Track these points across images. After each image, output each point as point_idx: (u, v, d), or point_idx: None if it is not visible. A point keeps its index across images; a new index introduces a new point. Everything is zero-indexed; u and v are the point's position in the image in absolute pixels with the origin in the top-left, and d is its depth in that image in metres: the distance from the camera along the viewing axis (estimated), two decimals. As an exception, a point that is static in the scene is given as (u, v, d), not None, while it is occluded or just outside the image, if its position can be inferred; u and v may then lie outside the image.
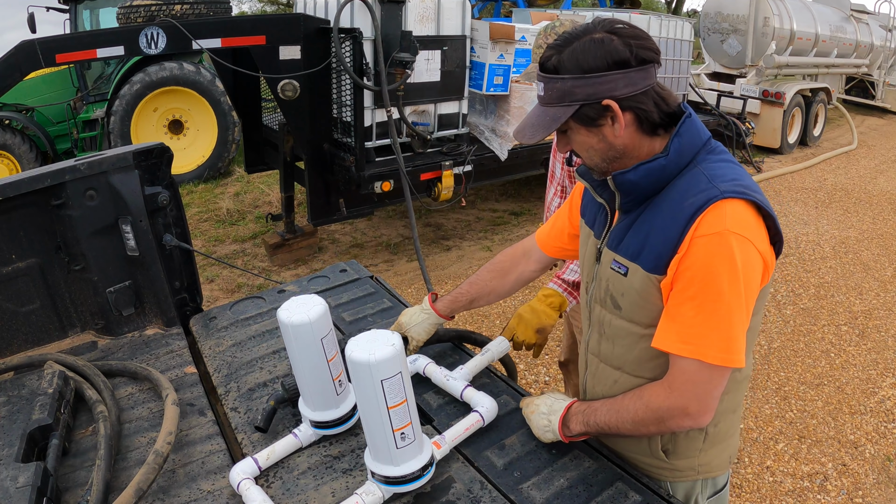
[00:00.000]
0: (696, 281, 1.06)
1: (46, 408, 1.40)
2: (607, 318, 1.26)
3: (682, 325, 1.08)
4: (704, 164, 1.13)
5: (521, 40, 4.97)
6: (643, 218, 1.16)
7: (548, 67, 1.12)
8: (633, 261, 1.16)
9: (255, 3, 22.07)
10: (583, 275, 1.38)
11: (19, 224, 1.73)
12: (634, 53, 1.07)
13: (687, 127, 1.14)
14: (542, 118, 1.14)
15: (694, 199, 1.08)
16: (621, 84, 1.08)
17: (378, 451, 1.18)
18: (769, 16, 9.22)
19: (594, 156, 1.17)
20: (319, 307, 1.28)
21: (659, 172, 1.12)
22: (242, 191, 7.00)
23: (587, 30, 1.10)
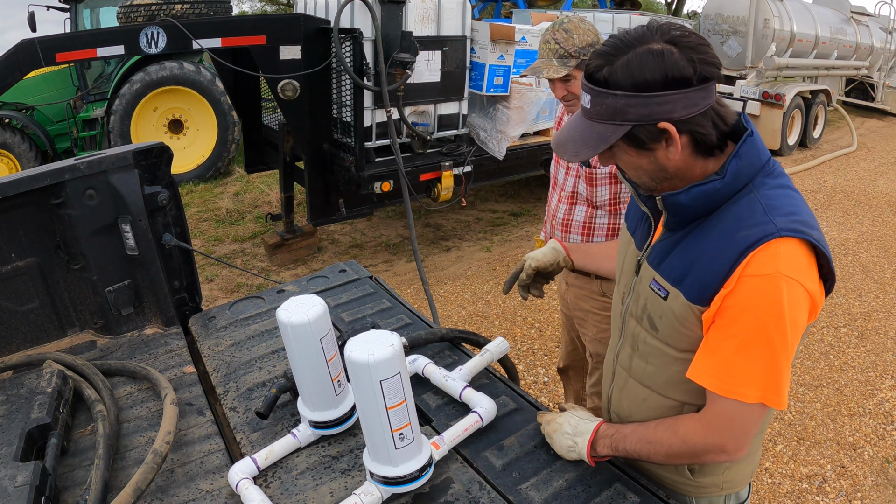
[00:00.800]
0: (741, 321, 1.00)
1: (45, 407, 1.40)
2: (642, 335, 1.21)
3: (721, 361, 1.03)
4: (761, 189, 1.04)
5: (522, 41, 4.97)
6: (690, 241, 1.09)
7: (597, 79, 1.01)
8: (674, 286, 1.10)
9: (256, 3, 22.07)
10: (619, 282, 1.32)
11: (19, 223, 1.73)
12: (697, 71, 0.96)
13: (748, 147, 1.05)
14: (586, 134, 1.04)
15: (748, 232, 1.00)
16: (680, 105, 0.97)
17: (377, 452, 1.18)
18: (769, 17, 9.22)
19: (642, 175, 1.09)
20: (319, 307, 1.28)
21: (712, 196, 1.04)
22: (242, 191, 7.01)
23: (643, 37, 0.99)
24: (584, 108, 1.05)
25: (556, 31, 1.92)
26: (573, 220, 2.18)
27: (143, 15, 6.20)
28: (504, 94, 4.80)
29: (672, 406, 1.19)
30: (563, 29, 1.91)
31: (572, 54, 1.89)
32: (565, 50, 1.89)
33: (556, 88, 1.99)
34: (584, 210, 2.15)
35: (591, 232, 2.16)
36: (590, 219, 2.15)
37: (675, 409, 1.19)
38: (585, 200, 2.14)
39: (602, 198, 2.09)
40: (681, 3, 21.01)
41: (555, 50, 1.90)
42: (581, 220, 2.17)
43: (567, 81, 1.95)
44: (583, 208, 2.16)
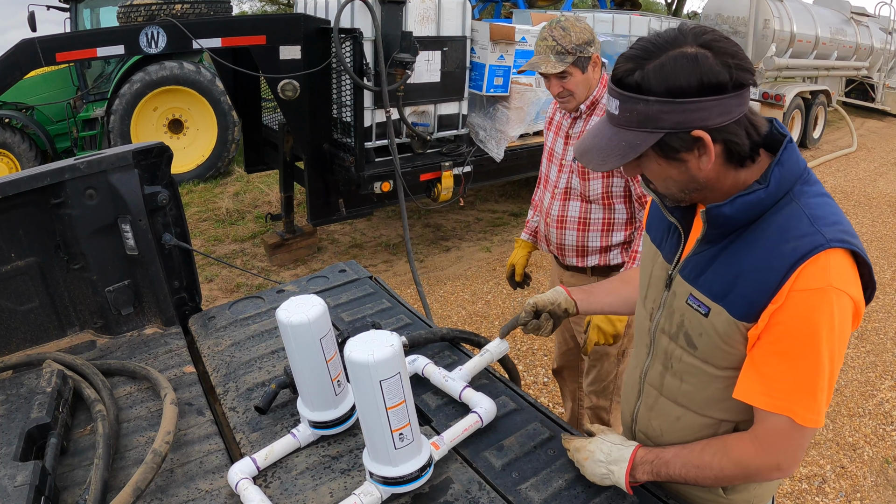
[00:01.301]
0: (791, 336, 0.97)
1: (45, 407, 1.40)
2: (677, 353, 1.15)
3: (770, 378, 1.00)
4: (803, 198, 1.00)
5: (522, 41, 4.97)
6: (731, 254, 1.04)
7: (627, 83, 0.96)
8: (717, 301, 1.04)
9: (256, 3, 22.07)
10: (645, 296, 1.27)
11: (19, 223, 1.73)
12: (733, 76, 0.92)
13: (788, 154, 1.01)
14: (614, 142, 0.99)
15: (797, 243, 0.96)
16: (715, 112, 0.93)
17: (376, 452, 1.18)
18: (769, 18, 9.22)
19: (671, 186, 1.05)
20: (318, 307, 1.28)
21: (756, 205, 1.00)
22: (242, 190, 7.01)
23: (675, 40, 0.94)
24: (610, 115, 1.01)
25: (553, 29, 1.95)
26: (568, 217, 2.21)
27: (143, 15, 6.20)
28: (504, 95, 4.80)
29: (709, 424, 1.15)
30: (561, 27, 1.94)
31: (569, 51, 1.93)
32: (562, 46, 1.92)
33: (552, 85, 2.02)
34: (578, 205, 2.18)
35: (586, 227, 2.19)
36: (585, 214, 2.18)
37: (712, 427, 1.15)
38: (579, 196, 2.17)
39: (595, 192, 2.12)
40: (681, 3, 21.01)
41: (552, 46, 1.94)
42: (576, 216, 2.19)
43: (563, 78, 1.99)
44: (577, 204, 2.18)
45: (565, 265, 2.32)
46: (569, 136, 2.19)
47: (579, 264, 2.25)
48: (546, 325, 1.61)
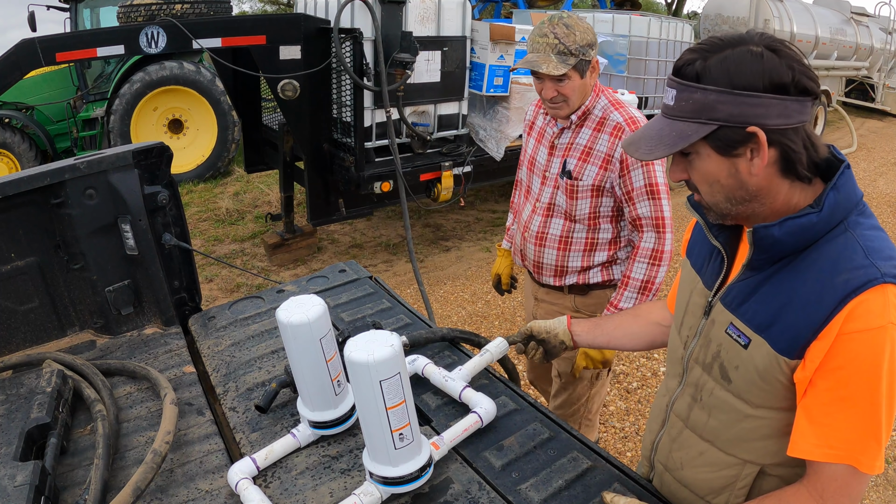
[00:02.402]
0: (853, 383, 0.91)
1: (45, 406, 1.40)
2: (709, 385, 1.10)
3: (829, 428, 0.93)
4: (857, 229, 0.95)
5: (522, 41, 4.97)
6: (778, 282, 0.98)
7: (686, 73, 0.93)
8: (759, 333, 0.99)
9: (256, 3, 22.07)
10: (681, 324, 1.21)
11: (18, 223, 1.73)
12: (796, 80, 0.89)
13: (845, 180, 0.96)
14: (664, 132, 0.96)
15: (849, 275, 0.91)
16: (774, 112, 0.89)
17: (376, 452, 1.18)
18: (769, 18, 9.22)
19: (718, 193, 0.99)
20: (318, 307, 1.28)
21: (808, 230, 0.94)
22: (242, 190, 7.01)
23: (742, 39, 0.93)
24: (665, 106, 0.98)
25: (555, 25, 1.77)
26: (549, 234, 2.05)
27: (143, 15, 6.20)
28: (504, 95, 4.80)
29: (733, 463, 1.10)
30: (564, 23, 1.77)
31: (572, 52, 1.76)
32: (565, 46, 1.75)
33: (547, 88, 1.84)
34: (560, 223, 2.03)
35: (567, 246, 2.04)
36: (567, 233, 2.02)
37: (735, 468, 1.10)
38: (563, 213, 2.01)
39: (582, 211, 1.97)
40: (681, 3, 21.01)
41: (553, 45, 1.76)
42: (557, 234, 2.04)
43: (561, 81, 1.81)
44: (559, 221, 2.03)
45: (540, 283, 2.17)
46: (554, 147, 2.00)
47: (556, 283, 2.11)
48: (533, 353, 1.58)
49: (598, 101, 1.92)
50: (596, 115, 1.92)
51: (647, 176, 1.86)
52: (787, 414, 1.01)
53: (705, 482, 1.15)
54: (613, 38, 6.59)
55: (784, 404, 1.01)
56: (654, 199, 1.88)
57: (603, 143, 1.89)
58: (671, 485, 1.23)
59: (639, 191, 1.88)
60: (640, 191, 1.88)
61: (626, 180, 1.88)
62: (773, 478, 1.08)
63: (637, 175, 1.86)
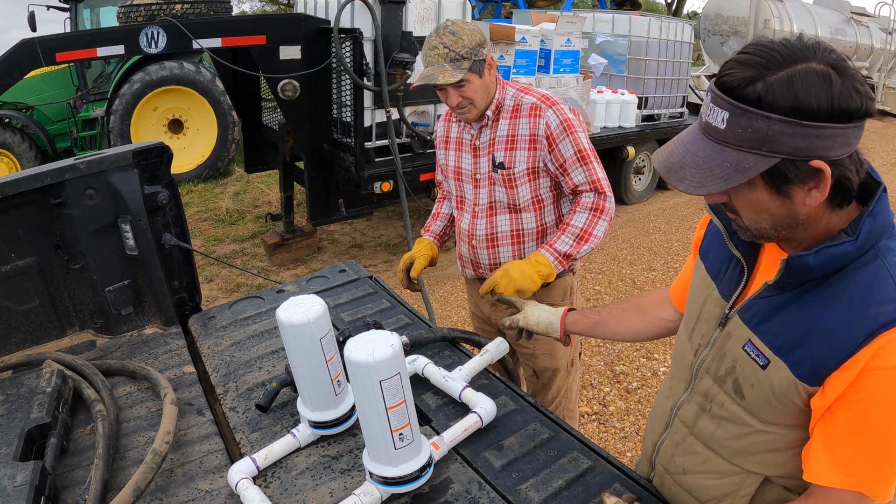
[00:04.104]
0: (875, 417, 0.88)
1: (45, 407, 1.40)
2: (720, 398, 1.07)
3: (847, 457, 0.91)
4: (889, 256, 0.90)
5: (522, 41, 4.97)
6: (804, 306, 0.94)
7: (744, 95, 0.82)
8: (779, 355, 0.95)
9: (256, 3, 22.09)
10: (692, 330, 1.17)
11: (19, 223, 1.73)
12: (863, 105, 0.81)
13: (882, 206, 0.91)
14: (715, 161, 0.86)
15: (880, 309, 0.86)
16: (839, 142, 0.81)
17: (376, 452, 1.18)
18: (769, 18, 9.23)
19: (765, 220, 0.91)
20: (318, 307, 1.28)
21: (842, 258, 0.90)
22: (242, 190, 7.01)
23: (803, 54, 0.81)
24: (711, 127, 0.86)
25: (442, 35, 1.78)
26: (498, 233, 2.01)
27: (143, 15, 6.21)
28: (504, 95, 4.80)
29: (737, 472, 1.08)
30: (450, 31, 1.78)
31: (464, 56, 1.76)
32: (456, 52, 1.76)
33: (450, 96, 1.83)
34: (507, 218, 1.99)
35: (520, 238, 2.01)
36: (516, 225, 1.99)
37: (739, 477, 1.08)
38: (507, 207, 1.98)
39: (524, 198, 1.95)
40: (681, 3, 21.03)
41: (444, 54, 1.76)
42: (507, 230, 2.00)
43: (461, 87, 1.81)
44: (505, 217, 1.99)
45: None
46: (477, 148, 1.97)
47: None
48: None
49: (505, 92, 1.94)
50: (508, 105, 1.93)
51: (574, 144, 1.87)
52: (797, 431, 1.00)
53: (708, 489, 1.14)
54: (613, 38, 6.59)
55: (796, 422, 0.99)
56: (586, 164, 1.89)
57: (524, 127, 1.90)
58: (672, 488, 1.23)
59: (570, 160, 1.88)
60: (571, 160, 1.88)
61: (556, 154, 1.89)
62: (777, 486, 1.07)
63: (565, 145, 1.87)
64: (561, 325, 1.55)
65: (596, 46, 6.63)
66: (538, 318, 1.57)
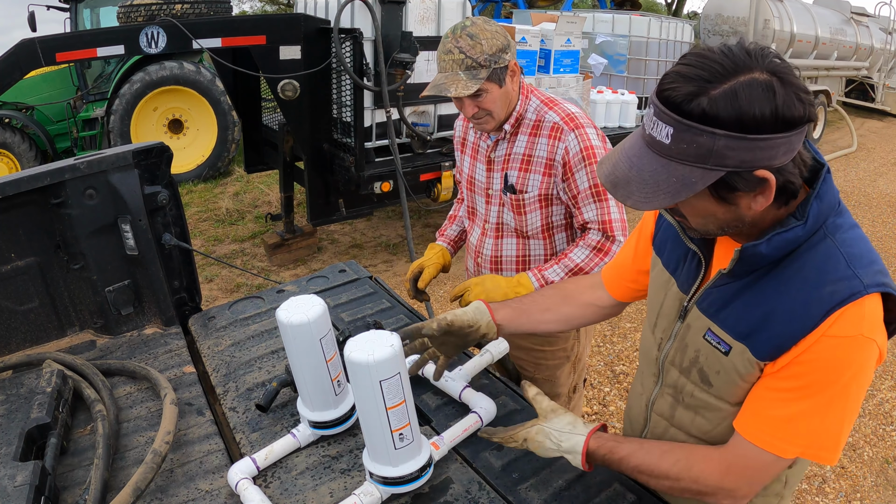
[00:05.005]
0: (809, 381, 0.92)
1: (45, 407, 1.40)
2: (688, 388, 1.10)
3: (776, 416, 0.95)
4: (838, 234, 0.93)
5: (522, 41, 4.97)
6: (759, 291, 0.96)
7: (688, 111, 0.81)
8: (739, 340, 0.98)
9: (256, 3, 22.09)
10: (654, 325, 1.18)
11: (18, 223, 1.73)
12: (807, 112, 0.82)
13: (827, 187, 0.93)
14: (661, 176, 0.86)
15: (834, 287, 0.90)
16: (783, 150, 0.82)
17: (376, 452, 1.18)
18: (769, 18, 9.23)
19: (711, 223, 0.94)
20: (318, 307, 1.28)
21: (792, 243, 0.92)
22: (242, 190, 7.01)
23: (744, 63, 0.81)
24: (655, 141, 0.85)
25: (458, 38, 1.59)
26: (503, 256, 1.91)
27: (143, 15, 6.20)
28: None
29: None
30: (468, 34, 1.59)
31: (482, 64, 1.58)
32: (473, 59, 1.58)
33: (466, 106, 1.67)
34: (513, 243, 1.88)
35: (526, 266, 1.89)
36: (523, 251, 1.88)
37: None
38: (514, 231, 1.86)
39: (533, 226, 1.82)
40: (681, 3, 21.02)
41: (460, 61, 1.58)
42: (512, 255, 1.89)
43: (478, 97, 1.64)
44: (512, 241, 1.88)
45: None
46: (492, 161, 1.84)
47: None
48: (432, 354, 1.45)
49: (528, 103, 1.76)
50: (530, 118, 1.75)
51: (591, 177, 1.69)
52: None
53: None
54: (613, 38, 6.59)
55: None
56: (601, 201, 1.72)
57: (542, 148, 1.73)
58: None
59: (584, 193, 1.72)
60: (585, 193, 1.71)
61: (570, 184, 1.72)
62: None
63: (581, 177, 1.70)
64: (487, 306, 1.42)
65: (596, 46, 6.63)
66: (463, 318, 1.40)
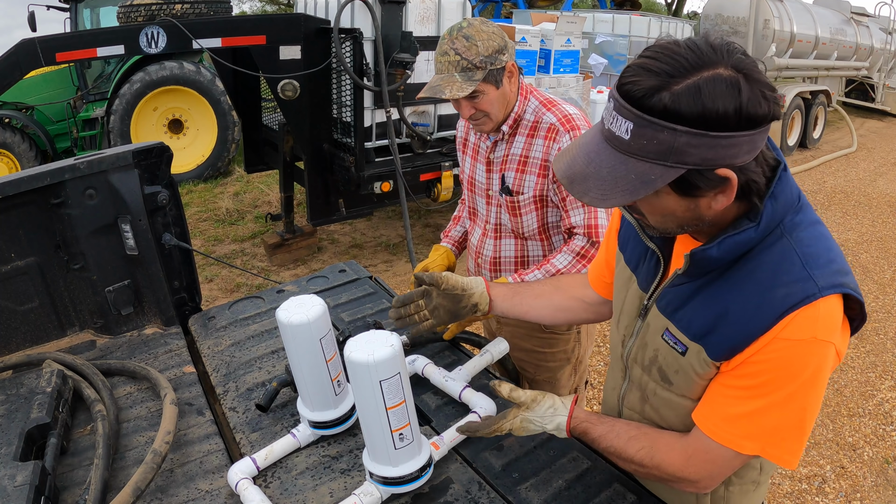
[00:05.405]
0: (763, 381, 0.91)
1: (45, 407, 1.40)
2: (651, 386, 1.10)
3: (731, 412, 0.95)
4: (795, 232, 0.91)
5: (522, 41, 4.98)
6: (714, 291, 0.95)
7: (649, 106, 0.78)
8: (695, 341, 0.97)
9: (256, 3, 22.09)
10: (618, 321, 1.19)
11: (19, 223, 1.73)
12: (771, 110, 0.80)
13: (783, 186, 0.90)
14: (619, 172, 0.83)
15: (787, 290, 0.88)
16: (745, 149, 0.81)
17: (376, 452, 1.18)
18: (769, 18, 9.23)
19: (670, 222, 0.92)
20: (318, 307, 1.28)
21: (745, 245, 0.91)
22: (242, 190, 7.01)
23: (709, 59, 0.79)
24: (614, 136, 0.83)
25: (454, 40, 1.59)
26: (502, 258, 1.92)
27: (143, 15, 6.20)
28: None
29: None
30: (464, 35, 1.58)
31: (477, 65, 1.58)
32: (468, 61, 1.58)
33: (463, 108, 1.68)
34: (512, 243, 1.89)
35: (525, 268, 1.90)
36: (521, 252, 1.89)
37: None
38: (511, 232, 1.87)
39: (529, 227, 1.83)
40: (681, 3, 21.02)
41: (455, 62, 1.58)
42: (511, 256, 1.90)
43: (474, 98, 1.64)
44: (510, 241, 1.89)
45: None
46: (490, 162, 1.84)
47: None
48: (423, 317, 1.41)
49: (527, 104, 1.76)
50: (528, 119, 1.75)
51: None
52: None
53: None
54: (613, 38, 6.60)
55: None
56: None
57: (538, 149, 1.73)
58: None
59: (571, 197, 1.72)
60: (572, 197, 1.66)
61: (560, 187, 1.72)
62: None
63: None
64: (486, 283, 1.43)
65: (596, 46, 6.64)
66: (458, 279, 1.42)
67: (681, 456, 1.02)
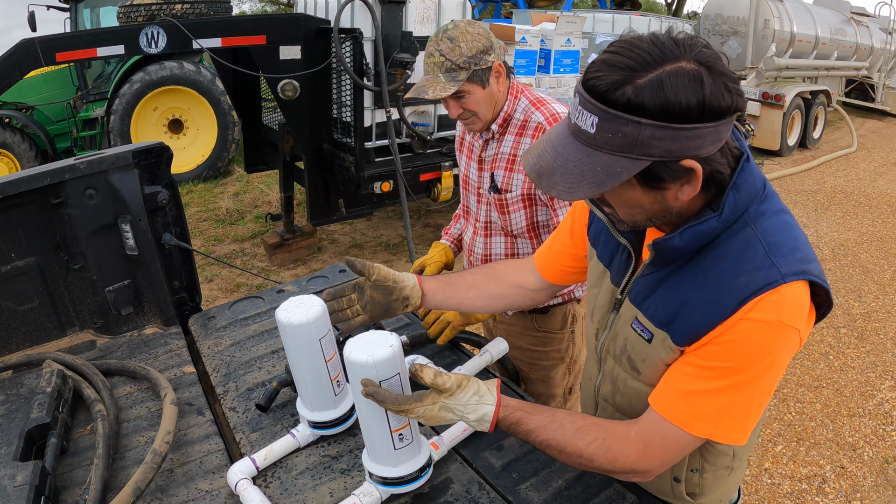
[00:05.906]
0: (723, 359, 0.92)
1: (45, 407, 1.40)
2: (622, 376, 1.12)
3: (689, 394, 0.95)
4: (759, 221, 0.92)
5: (522, 41, 4.98)
6: (679, 280, 0.97)
7: (613, 99, 0.80)
8: (661, 328, 0.99)
9: (256, 3, 22.09)
10: (591, 314, 1.21)
11: (18, 223, 1.73)
12: (734, 102, 0.82)
13: (745, 176, 0.92)
14: (586, 165, 0.84)
15: (749, 277, 0.89)
16: (709, 140, 0.82)
17: (376, 452, 1.18)
18: (769, 18, 9.23)
19: (638, 214, 0.94)
20: (318, 307, 1.28)
21: (708, 234, 0.92)
22: (242, 190, 7.01)
23: (672, 52, 0.81)
24: (580, 130, 0.84)
25: (439, 41, 1.62)
26: (492, 255, 1.93)
27: (143, 15, 6.20)
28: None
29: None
30: (448, 37, 1.62)
31: (461, 66, 1.61)
32: (452, 62, 1.60)
33: (450, 107, 1.70)
34: (502, 241, 1.90)
35: None
36: (511, 250, 1.90)
37: None
38: (501, 230, 1.89)
39: (518, 225, 1.83)
40: (681, 3, 21.02)
41: (440, 63, 1.61)
42: (501, 254, 1.92)
43: (460, 98, 1.66)
44: (501, 239, 1.90)
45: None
46: (482, 161, 1.86)
47: None
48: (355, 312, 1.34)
49: (517, 103, 1.77)
50: (517, 119, 1.77)
51: None
52: None
53: None
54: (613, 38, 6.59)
55: None
56: None
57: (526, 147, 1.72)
58: None
59: None
60: None
61: None
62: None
63: None
64: (417, 277, 1.38)
65: (596, 46, 6.64)
66: (390, 271, 1.35)
67: (637, 446, 1.00)
